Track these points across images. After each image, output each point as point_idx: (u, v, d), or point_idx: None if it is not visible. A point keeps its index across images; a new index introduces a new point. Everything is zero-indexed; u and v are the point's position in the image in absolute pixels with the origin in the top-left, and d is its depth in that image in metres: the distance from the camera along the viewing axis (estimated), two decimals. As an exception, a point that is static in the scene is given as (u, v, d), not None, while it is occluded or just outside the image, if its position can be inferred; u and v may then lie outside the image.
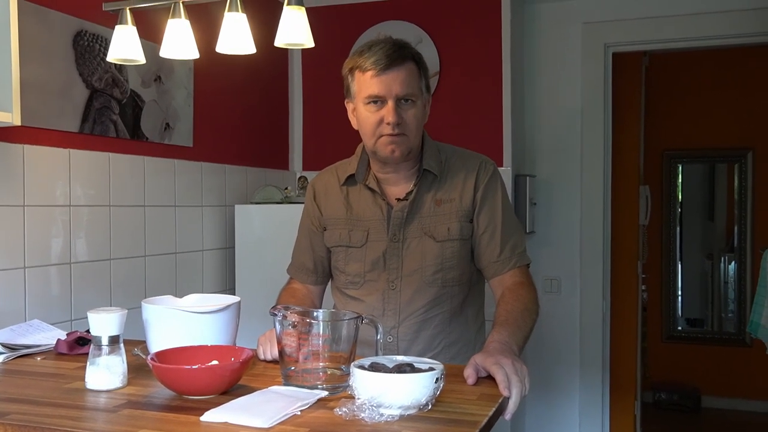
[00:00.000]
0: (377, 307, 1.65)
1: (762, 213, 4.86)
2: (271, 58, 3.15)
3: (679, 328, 5.17)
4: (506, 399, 1.23)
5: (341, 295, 1.75)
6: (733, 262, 5.03)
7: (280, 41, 1.66)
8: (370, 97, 1.56)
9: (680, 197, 5.17)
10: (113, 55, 1.81)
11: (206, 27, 2.08)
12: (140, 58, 1.84)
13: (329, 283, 1.82)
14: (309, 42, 1.68)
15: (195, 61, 2.51)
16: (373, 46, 1.57)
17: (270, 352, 1.48)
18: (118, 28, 1.79)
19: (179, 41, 1.81)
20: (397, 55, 1.55)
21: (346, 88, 1.64)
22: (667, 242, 5.13)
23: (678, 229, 5.15)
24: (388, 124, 1.55)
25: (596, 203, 3.25)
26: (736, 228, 5.00)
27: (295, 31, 1.64)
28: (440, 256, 1.63)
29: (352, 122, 1.67)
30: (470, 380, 1.29)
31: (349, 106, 1.66)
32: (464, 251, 1.66)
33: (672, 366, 5.01)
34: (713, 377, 4.93)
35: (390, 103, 1.55)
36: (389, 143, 1.58)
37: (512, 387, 1.24)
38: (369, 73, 1.55)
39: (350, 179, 1.71)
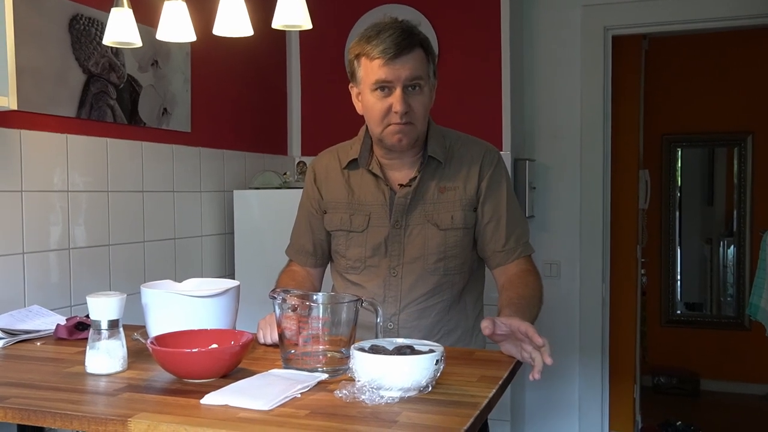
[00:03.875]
0: (378, 293, 1.64)
1: (761, 197, 4.86)
2: (268, 41, 3.13)
3: (678, 312, 5.18)
4: (518, 363, 1.33)
5: (342, 280, 1.74)
6: (732, 246, 5.03)
7: (277, 23, 1.65)
8: (377, 83, 1.53)
9: (679, 181, 5.17)
10: (109, 38, 1.80)
11: (203, 9, 2.07)
12: (136, 41, 1.82)
13: (329, 265, 1.82)
14: (307, 24, 1.66)
15: (192, 45, 2.50)
16: (381, 32, 1.53)
17: (270, 335, 1.48)
18: (114, 11, 1.78)
19: (176, 24, 1.79)
20: (406, 43, 1.51)
21: (351, 72, 1.61)
22: (667, 226, 5.13)
23: (677, 213, 5.15)
24: (395, 112, 1.53)
25: (595, 187, 3.24)
26: (735, 212, 5.00)
27: (292, 12, 1.62)
28: (443, 245, 1.62)
29: (356, 107, 1.65)
30: (487, 331, 1.32)
31: (353, 91, 1.64)
32: (467, 240, 1.65)
33: (671, 350, 5.03)
34: (712, 361, 4.94)
35: (398, 91, 1.52)
36: (396, 132, 1.56)
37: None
38: (377, 62, 1.52)
39: (352, 163, 1.69)
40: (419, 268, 1.63)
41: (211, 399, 1.09)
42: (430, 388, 1.13)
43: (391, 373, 1.09)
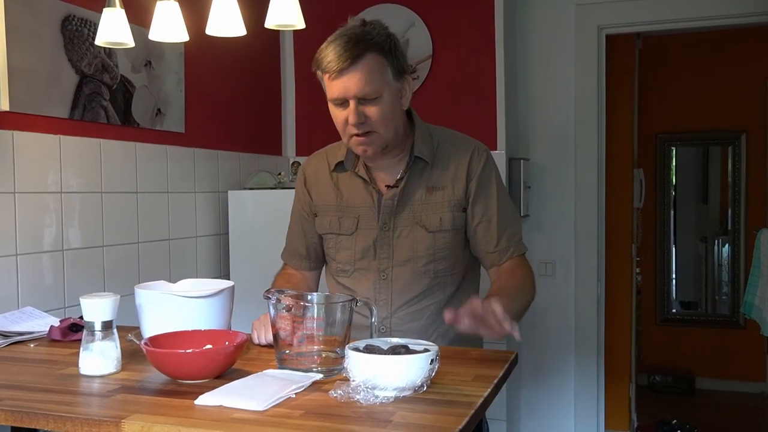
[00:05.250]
0: (368, 296, 1.63)
1: (755, 195, 4.87)
2: (262, 41, 3.13)
3: (674, 310, 5.19)
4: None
5: (334, 283, 1.73)
6: (726, 245, 5.04)
7: (270, 23, 1.64)
8: (331, 100, 1.53)
9: (674, 180, 5.18)
10: (102, 39, 1.79)
11: (196, 9, 2.06)
12: (129, 42, 1.81)
13: (324, 268, 1.81)
14: (300, 23, 1.66)
15: (185, 45, 2.50)
16: (330, 43, 1.51)
17: (264, 336, 1.48)
18: (106, 11, 1.77)
19: (168, 24, 1.79)
20: (349, 54, 1.47)
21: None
22: (661, 225, 5.14)
23: (672, 212, 5.16)
24: (351, 125, 1.52)
25: (590, 186, 3.24)
26: (729, 210, 5.01)
27: (285, 12, 1.62)
28: (432, 247, 1.61)
29: None
30: (447, 316, 1.29)
31: None
32: (456, 241, 1.63)
33: (666, 349, 5.04)
34: (707, 359, 4.95)
35: (351, 104, 1.50)
36: (359, 143, 1.55)
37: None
38: (326, 76, 1.51)
39: (339, 165, 1.68)
40: (409, 271, 1.62)
41: (205, 400, 1.09)
42: (425, 388, 1.13)
43: (386, 373, 1.09)
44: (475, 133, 1.82)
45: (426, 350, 1.15)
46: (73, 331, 1.59)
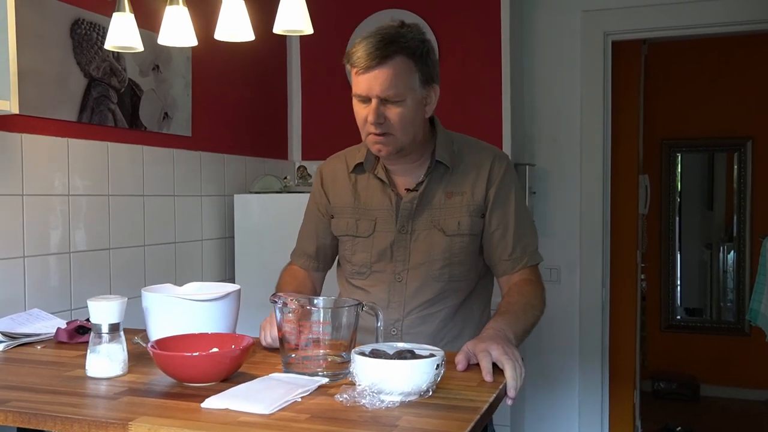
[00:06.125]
0: (382, 298, 1.63)
1: (761, 202, 4.86)
2: (269, 46, 3.14)
3: (678, 317, 5.18)
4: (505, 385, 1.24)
5: (348, 285, 1.73)
6: (732, 252, 5.03)
7: (278, 28, 1.65)
8: (355, 95, 1.54)
9: (679, 186, 5.17)
10: (111, 43, 1.80)
11: (204, 14, 2.07)
12: (138, 46, 1.83)
13: (335, 270, 1.81)
14: (308, 29, 1.67)
15: (193, 49, 2.51)
16: (364, 39, 1.51)
17: (270, 334, 1.47)
18: (116, 16, 1.78)
19: (177, 29, 1.80)
20: (379, 53, 1.47)
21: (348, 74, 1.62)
22: (666, 232, 5.14)
23: (677, 218, 5.15)
24: (370, 123, 1.52)
25: (595, 192, 3.24)
26: (735, 217, 5.00)
27: (294, 17, 1.63)
28: (449, 251, 1.61)
29: None
30: (460, 366, 1.29)
31: None
32: (473, 246, 1.63)
33: (671, 355, 5.03)
34: (712, 366, 4.94)
35: (373, 103, 1.50)
36: (375, 142, 1.55)
37: (504, 363, 1.24)
38: (354, 70, 1.52)
39: (359, 167, 1.68)
40: (424, 274, 1.62)
41: (211, 403, 1.10)
42: (430, 393, 1.13)
43: (392, 378, 1.09)
44: (481, 137, 1.82)
45: (432, 355, 1.15)
46: (80, 333, 1.60)
